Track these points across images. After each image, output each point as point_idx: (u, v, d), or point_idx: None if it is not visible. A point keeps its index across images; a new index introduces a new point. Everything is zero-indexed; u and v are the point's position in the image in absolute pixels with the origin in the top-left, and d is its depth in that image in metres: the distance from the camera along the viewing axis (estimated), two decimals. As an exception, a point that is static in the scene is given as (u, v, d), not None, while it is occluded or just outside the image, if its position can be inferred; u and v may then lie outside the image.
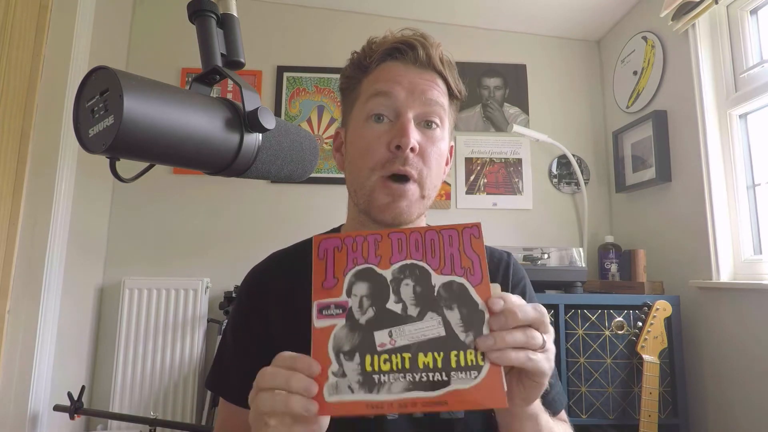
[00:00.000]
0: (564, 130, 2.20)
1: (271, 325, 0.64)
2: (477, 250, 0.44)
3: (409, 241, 0.44)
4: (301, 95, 2.15)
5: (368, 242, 0.44)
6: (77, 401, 1.49)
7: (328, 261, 0.44)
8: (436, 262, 0.43)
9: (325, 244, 0.45)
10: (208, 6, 0.46)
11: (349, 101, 0.66)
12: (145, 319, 1.84)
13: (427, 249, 0.44)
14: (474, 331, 0.41)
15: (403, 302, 0.42)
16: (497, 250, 0.72)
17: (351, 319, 0.42)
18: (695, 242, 1.61)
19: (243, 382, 0.65)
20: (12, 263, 1.49)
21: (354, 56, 0.65)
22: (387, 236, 0.45)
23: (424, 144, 0.60)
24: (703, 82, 1.59)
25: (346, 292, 0.43)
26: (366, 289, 0.43)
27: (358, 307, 0.42)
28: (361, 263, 0.44)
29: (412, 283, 0.43)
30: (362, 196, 0.61)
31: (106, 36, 1.90)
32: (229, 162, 0.45)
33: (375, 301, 0.42)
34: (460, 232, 0.44)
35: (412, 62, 0.61)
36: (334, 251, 0.44)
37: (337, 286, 0.43)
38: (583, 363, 1.53)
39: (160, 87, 0.39)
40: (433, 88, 0.61)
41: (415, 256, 0.44)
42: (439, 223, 0.74)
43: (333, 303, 0.42)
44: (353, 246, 0.44)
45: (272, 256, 0.71)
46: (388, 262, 0.44)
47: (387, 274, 0.43)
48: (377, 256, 0.44)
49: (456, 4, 2.11)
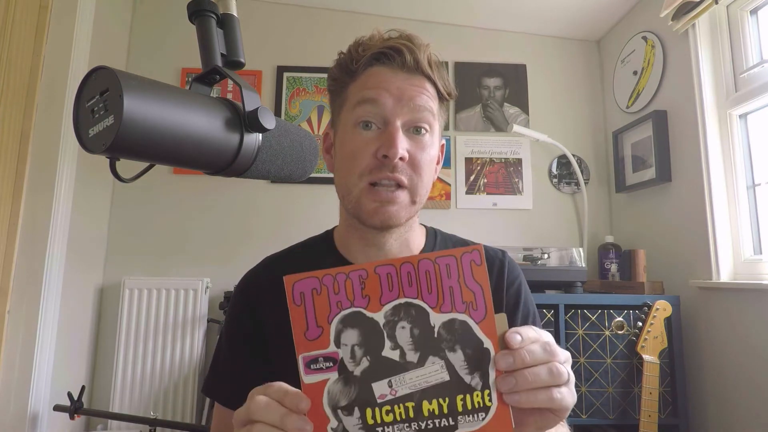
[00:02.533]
0: (564, 130, 2.20)
1: (265, 330, 0.64)
2: (479, 279, 0.39)
3: (401, 274, 0.39)
4: (301, 95, 2.15)
5: (351, 281, 0.39)
6: (77, 401, 1.49)
7: (307, 306, 0.38)
8: (433, 299, 0.39)
9: (300, 285, 0.39)
10: (208, 6, 0.46)
11: (336, 104, 0.65)
12: (145, 319, 1.84)
13: (422, 283, 0.39)
14: (480, 372, 0.38)
15: (400, 348, 0.38)
16: (491, 249, 0.72)
17: (344, 371, 0.38)
18: (695, 242, 1.61)
19: (238, 387, 0.65)
20: (12, 263, 1.49)
21: (340, 57, 0.64)
22: (373, 271, 0.39)
23: (413, 151, 0.59)
24: (703, 82, 1.59)
25: (333, 342, 0.38)
26: (356, 337, 0.38)
27: (350, 358, 0.38)
28: (347, 307, 0.38)
29: (409, 326, 0.38)
30: (350, 201, 0.61)
31: (106, 36, 1.90)
32: (229, 162, 0.45)
33: (369, 350, 0.38)
34: (459, 259, 0.39)
35: (399, 67, 0.60)
36: (313, 294, 0.38)
37: (323, 335, 0.38)
38: (583, 363, 1.53)
39: (160, 87, 0.39)
40: (421, 93, 0.60)
41: (409, 293, 0.39)
42: (436, 223, 0.75)
43: (321, 355, 0.38)
44: (334, 287, 0.38)
45: (265, 260, 0.71)
46: (378, 302, 0.38)
47: (378, 318, 0.38)
48: (364, 297, 0.38)
49: (456, 4, 2.11)
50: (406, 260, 0.39)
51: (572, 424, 1.53)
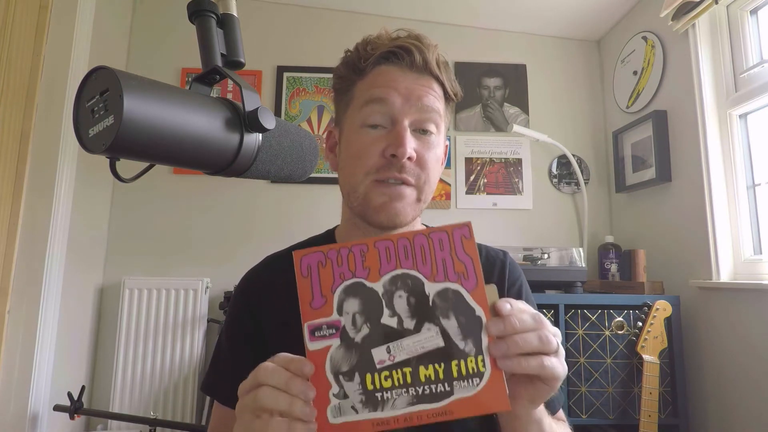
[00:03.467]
0: (564, 130, 2.20)
1: (266, 328, 0.64)
2: (469, 252, 0.42)
3: (398, 248, 0.42)
4: (301, 95, 2.15)
5: (354, 254, 0.42)
6: (77, 401, 1.49)
7: (313, 278, 0.42)
8: (428, 269, 0.41)
9: (308, 259, 0.42)
10: (208, 6, 0.46)
11: (342, 103, 0.65)
12: (145, 319, 1.84)
13: (417, 256, 0.42)
14: (473, 338, 0.40)
15: (398, 315, 0.41)
16: (493, 249, 0.72)
17: (346, 338, 0.40)
18: (695, 242, 1.61)
19: (237, 386, 0.65)
20: (12, 263, 1.49)
21: (348, 56, 0.64)
22: (373, 246, 0.42)
23: (420, 151, 0.59)
24: (703, 82, 1.59)
25: (336, 310, 0.41)
26: (358, 305, 0.41)
27: (351, 325, 0.41)
28: (349, 278, 0.41)
29: (406, 294, 0.41)
30: (356, 198, 0.61)
31: (106, 36, 1.90)
32: (229, 162, 0.45)
33: (369, 317, 0.41)
34: (451, 233, 0.42)
35: (408, 66, 0.60)
36: (318, 267, 0.42)
37: (327, 304, 0.41)
38: (583, 363, 1.53)
39: (160, 87, 0.39)
40: (429, 93, 0.60)
41: (406, 265, 0.42)
42: (436, 223, 0.75)
43: (325, 323, 0.41)
44: (338, 259, 0.42)
45: (266, 259, 0.71)
46: (377, 273, 0.41)
47: (378, 288, 0.41)
48: (365, 269, 0.42)
49: (456, 4, 2.11)
50: (402, 235, 0.42)
51: (572, 424, 1.52)
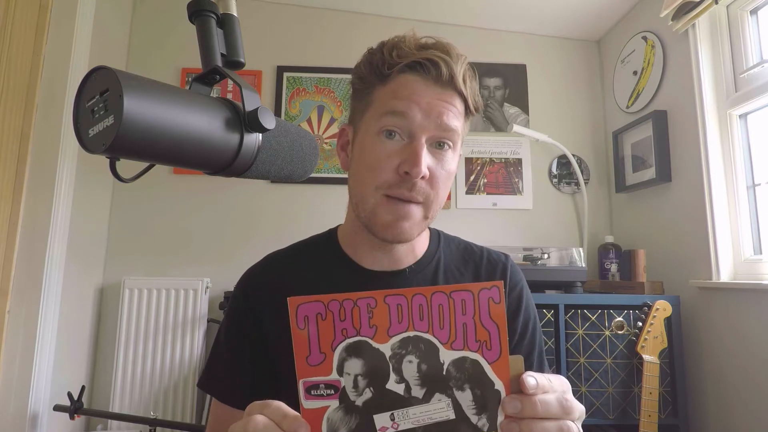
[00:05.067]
0: (564, 130, 2.20)
1: (265, 326, 0.64)
2: (496, 318, 0.37)
3: (412, 306, 0.37)
4: (301, 95, 2.15)
5: (359, 308, 0.37)
6: (77, 401, 1.49)
7: (311, 331, 0.37)
8: (445, 334, 0.37)
9: (305, 309, 0.37)
10: (208, 6, 0.46)
11: (361, 104, 0.63)
12: (145, 319, 1.84)
13: (434, 317, 0.37)
14: (488, 414, 0.36)
15: (406, 382, 0.37)
16: (495, 252, 0.72)
17: (345, 400, 0.37)
18: (695, 242, 1.61)
19: (235, 383, 0.65)
20: (12, 263, 1.49)
21: (371, 56, 0.61)
22: (383, 301, 0.37)
23: (433, 167, 0.58)
24: (703, 82, 1.59)
25: (336, 369, 0.37)
26: (360, 366, 0.37)
27: (352, 387, 0.37)
28: (353, 335, 0.37)
29: (417, 360, 0.37)
30: (364, 210, 0.60)
31: (106, 36, 1.90)
32: (229, 162, 0.45)
33: (372, 381, 0.37)
34: (476, 295, 0.37)
35: (433, 80, 0.58)
36: (317, 319, 0.37)
37: (325, 362, 0.37)
38: (583, 363, 1.53)
39: (160, 87, 0.39)
40: (449, 110, 0.58)
41: (419, 327, 0.37)
42: (437, 224, 0.75)
43: (322, 382, 0.37)
44: (340, 313, 0.37)
45: (267, 257, 0.71)
46: (385, 333, 0.37)
47: (385, 349, 0.37)
48: (372, 327, 0.37)
49: (456, 4, 2.11)
50: (418, 291, 0.37)
51: (572, 424, 1.52)
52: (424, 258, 0.68)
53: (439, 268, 0.68)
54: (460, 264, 0.69)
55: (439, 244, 0.71)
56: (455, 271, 0.68)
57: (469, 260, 0.70)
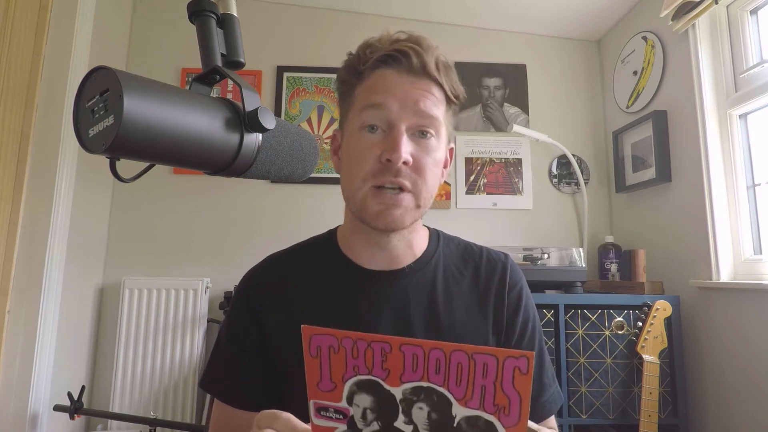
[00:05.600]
0: (564, 130, 2.20)
1: (266, 326, 0.65)
2: (520, 387, 0.34)
3: (428, 358, 0.35)
4: (301, 95, 2.15)
5: (373, 351, 0.36)
6: (77, 401, 1.49)
7: (323, 361, 0.37)
8: (461, 391, 0.35)
9: (318, 340, 0.37)
10: (208, 6, 0.46)
11: (345, 106, 0.66)
12: (145, 319, 1.84)
13: (451, 374, 0.35)
14: None
15: (414, 425, 0.36)
16: (494, 251, 0.72)
17: (353, 427, 0.37)
18: (695, 242, 1.61)
19: (236, 383, 0.65)
20: (12, 263, 1.49)
21: (349, 59, 0.64)
22: (398, 348, 0.36)
23: (417, 155, 0.59)
24: (703, 82, 1.59)
25: (346, 399, 0.37)
26: (370, 402, 0.36)
27: (360, 417, 0.37)
28: (364, 373, 0.36)
29: (427, 409, 0.35)
30: (355, 204, 0.61)
31: (106, 36, 1.90)
32: (229, 162, 0.45)
33: (381, 416, 0.36)
34: (501, 361, 0.34)
35: (405, 70, 0.60)
36: (330, 351, 0.37)
37: (335, 391, 0.37)
38: (583, 363, 1.53)
39: (160, 87, 0.39)
40: (426, 97, 0.60)
41: (434, 380, 0.35)
42: (437, 224, 0.75)
43: (332, 407, 0.37)
44: (353, 351, 0.36)
45: (268, 258, 0.71)
46: (398, 378, 0.36)
47: (396, 393, 0.36)
48: (384, 369, 0.36)
49: (457, 4, 2.11)
50: (436, 346, 0.35)
51: (572, 424, 1.53)
52: (424, 257, 0.68)
53: (438, 267, 0.68)
54: (459, 263, 0.69)
55: (439, 244, 0.71)
56: (455, 271, 0.68)
57: (468, 260, 0.70)
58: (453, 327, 0.64)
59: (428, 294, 0.65)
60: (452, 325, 0.64)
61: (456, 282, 0.67)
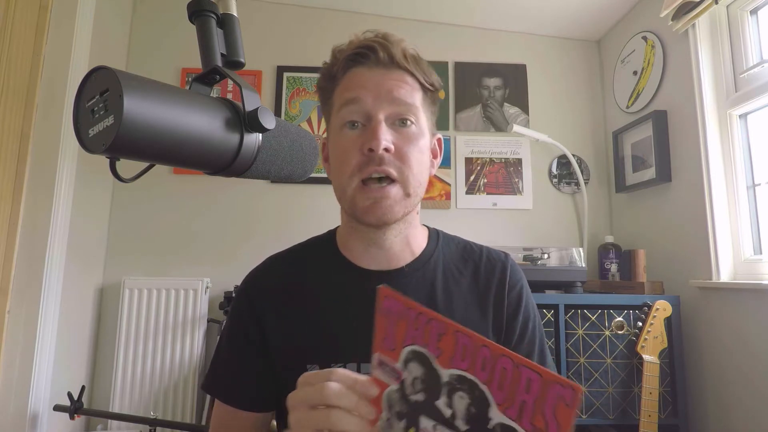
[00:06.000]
0: (564, 130, 2.20)
1: (267, 327, 0.65)
2: (561, 419, 0.32)
3: (476, 353, 0.36)
4: (301, 95, 2.15)
5: (431, 327, 0.38)
6: (77, 401, 1.49)
7: (390, 322, 0.40)
8: (501, 396, 0.35)
9: (389, 303, 0.40)
10: (208, 6, 0.46)
11: (326, 111, 0.67)
12: (145, 319, 1.84)
13: (495, 376, 0.35)
14: None
15: (453, 410, 0.37)
16: (494, 251, 0.72)
17: (402, 390, 0.39)
18: (695, 242, 1.61)
19: (237, 383, 0.65)
20: (12, 263, 1.49)
21: (323, 66, 0.66)
22: (452, 333, 0.37)
23: (399, 143, 0.60)
24: (703, 82, 1.59)
25: (402, 362, 0.39)
26: (420, 372, 0.39)
27: (410, 383, 0.39)
28: (421, 344, 0.39)
29: (467, 401, 0.36)
30: (345, 201, 0.62)
31: (106, 36, 1.90)
32: (229, 162, 0.45)
33: (426, 389, 0.38)
34: (547, 385, 0.33)
35: (375, 64, 0.62)
36: (397, 316, 0.40)
37: (395, 352, 0.40)
38: (583, 363, 1.53)
39: (160, 87, 0.39)
40: (400, 86, 0.61)
41: (479, 375, 0.36)
42: (437, 224, 0.74)
43: (390, 365, 0.40)
44: (415, 323, 0.39)
45: (269, 259, 0.72)
46: (448, 361, 0.37)
47: (443, 374, 0.37)
48: (438, 349, 0.38)
49: (456, 4, 2.11)
50: (485, 344, 0.36)
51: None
52: (423, 256, 0.68)
53: (438, 266, 0.68)
54: (459, 263, 0.69)
55: (438, 243, 0.71)
56: (454, 270, 0.68)
57: (468, 259, 0.70)
58: None
59: (428, 293, 0.65)
60: None
61: (456, 281, 0.67)
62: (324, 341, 0.63)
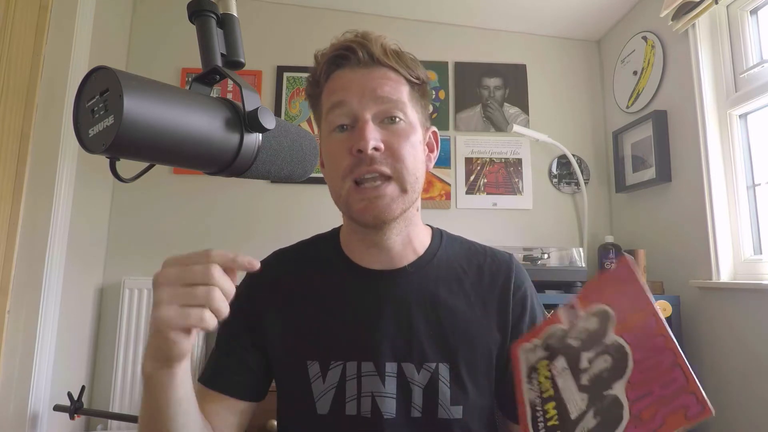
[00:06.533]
0: (564, 130, 2.20)
1: (266, 319, 0.65)
2: (670, 423, 0.33)
3: (652, 337, 0.37)
4: (301, 95, 2.15)
5: (635, 302, 0.40)
6: (77, 401, 1.49)
7: (608, 282, 0.43)
8: (638, 377, 0.36)
9: (622, 270, 0.42)
10: (208, 6, 0.46)
11: (317, 118, 0.67)
12: (145, 319, 1.84)
13: (649, 362, 0.36)
14: None
15: (590, 365, 0.40)
16: (499, 251, 0.72)
17: (567, 331, 0.44)
18: (695, 242, 1.61)
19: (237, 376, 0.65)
20: (12, 263, 1.49)
21: (309, 74, 0.67)
22: (647, 314, 0.38)
23: (389, 140, 0.60)
24: (703, 82, 1.59)
25: (588, 314, 0.43)
26: (594, 327, 0.42)
27: (578, 330, 0.43)
28: (616, 310, 0.41)
29: (608, 365, 0.38)
30: (341, 204, 0.62)
31: (106, 36, 1.90)
32: (229, 162, 0.45)
33: (585, 340, 0.42)
34: (684, 391, 0.33)
35: (356, 65, 0.62)
36: (618, 281, 0.42)
37: (591, 304, 0.43)
38: (583, 363, 1.53)
39: (160, 87, 0.39)
40: (383, 84, 0.61)
41: (636, 354, 0.37)
42: (437, 224, 0.74)
43: (576, 311, 0.44)
44: (627, 294, 0.41)
45: (274, 254, 0.72)
46: (621, 330, 0.39)
47: (609, 338, 0.40)
48: (624, 319, 0.40)
49: (456, 4, 2.11)
50: (664, 333, 0.37)
51: (572, 424, 1.52)
52: (425, 255, 0.68)
53: (440, 266, 0.68)
54: (462, 262, 0.69)
55: (441, 242, 0.71)
56: (458, 270, 0.68)
57: (472, 259, 0.70)
58: (455, 327, 0.63)
59: (431, 293, 0.65)
60: (455, 324, 0.63)
61: (459, 281, 0.67)
62: (323, 339, 0.63)
